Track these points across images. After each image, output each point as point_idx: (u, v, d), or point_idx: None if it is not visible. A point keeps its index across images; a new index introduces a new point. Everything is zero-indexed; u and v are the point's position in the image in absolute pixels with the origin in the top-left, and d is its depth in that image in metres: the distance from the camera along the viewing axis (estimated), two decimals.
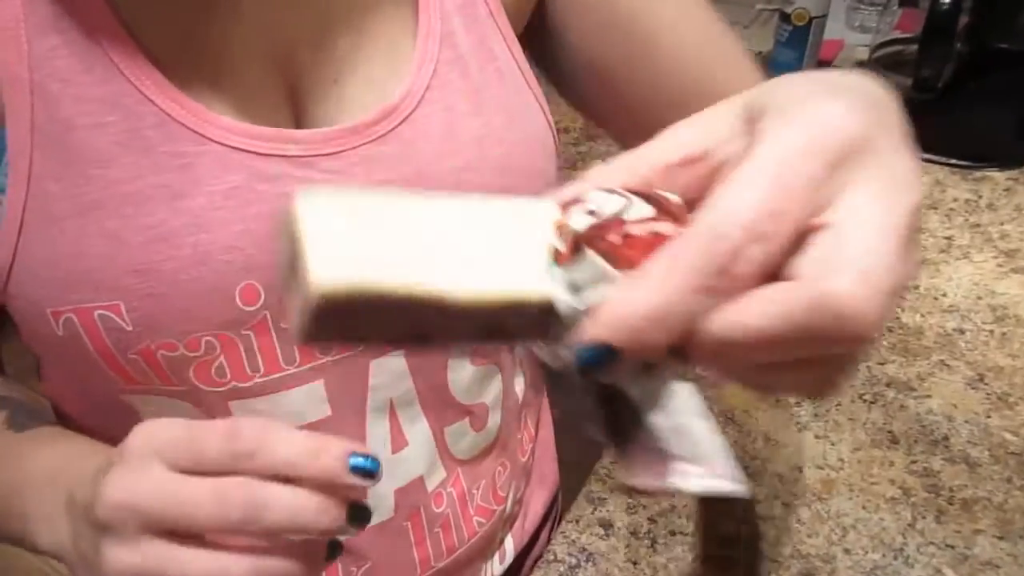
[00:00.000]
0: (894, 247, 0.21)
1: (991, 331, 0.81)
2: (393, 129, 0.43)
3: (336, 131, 0.42)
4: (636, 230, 0.22)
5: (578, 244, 0.22)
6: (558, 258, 0.23)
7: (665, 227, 0.22)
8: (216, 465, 0.33)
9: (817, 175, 0.21)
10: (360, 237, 0.21)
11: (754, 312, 0.21)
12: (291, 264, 0.22)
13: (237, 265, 0.41)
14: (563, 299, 0.23)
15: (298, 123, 0.43)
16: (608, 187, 0.24)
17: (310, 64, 0.42)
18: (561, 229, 0.23)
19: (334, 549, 0.35)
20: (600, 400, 0.25)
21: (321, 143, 0.42)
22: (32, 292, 0.41)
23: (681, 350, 0.22)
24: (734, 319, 0.21)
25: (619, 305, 0.21)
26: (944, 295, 0.86)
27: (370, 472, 0.33)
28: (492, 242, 0.23)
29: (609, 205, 0.23)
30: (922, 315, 0.84)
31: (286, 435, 0.33)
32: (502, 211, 0.24)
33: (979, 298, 0.86)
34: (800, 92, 0.23)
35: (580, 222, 0.23)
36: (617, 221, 0.23)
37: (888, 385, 0.76)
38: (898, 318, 0.84)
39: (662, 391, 0.25)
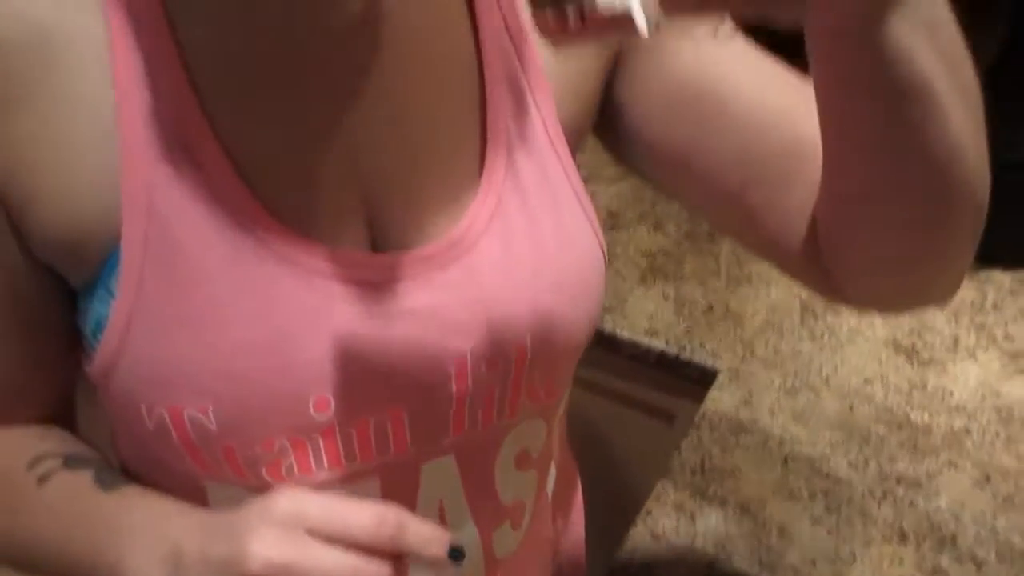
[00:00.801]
0: None
1: (997, 432, 0.85)
2: (459, 257, 0.47)
3: (408, 257, 0.47)
4: None
5: None
6: None
7: None
8: (361, 543, 0.41)
9: None
10: None
11: None
12: None
13: (313, 378, 0.46)
14: None
15: (374, 245, 0.47)
16: None
17: (387, 192, 0.47)
18: None
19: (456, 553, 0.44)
20: None
21: (393, 268, 0.46)
22: (130, 388, 0.45)
23: None
24: None
25: None
26: (951, 394, 0.90)
27: (460, 555, 0.44)
28: None
29: None
30: (930, 414, 0.88)
31: (415, 525, 0.43)
32: None
33: (984, 398, 0.89)
34: None
35: None
36: None
37: (898, 482, 0.80)
38: (907, 416, 0.88)
39: None
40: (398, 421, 0.49)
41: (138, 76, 0.42)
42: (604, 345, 1.03)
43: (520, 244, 0.49)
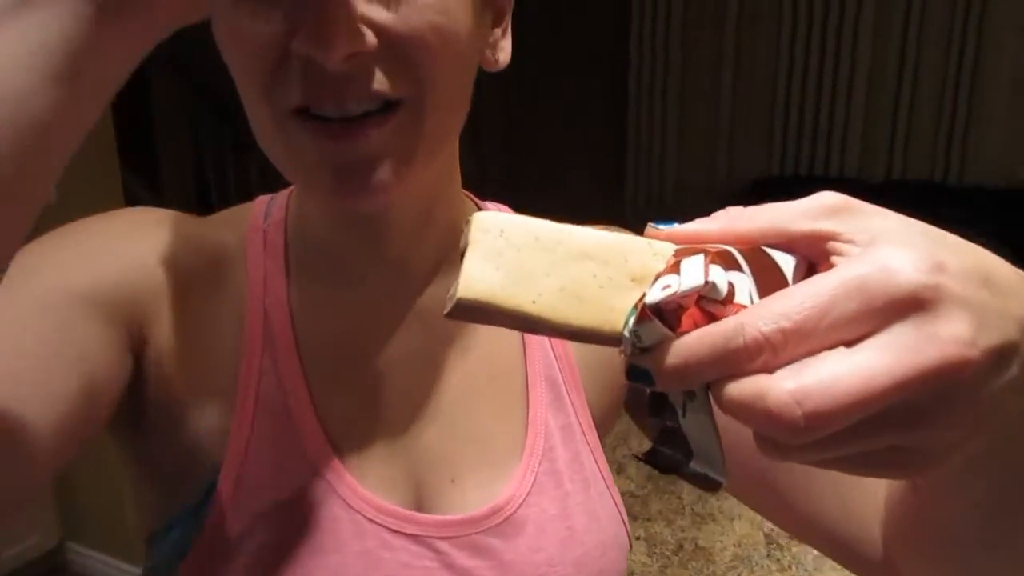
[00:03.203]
0: (860, 387, 0.25)
1: None
2: (496, 526, 0.53)
3: (449, 520, 0.53)
4: (702, 305, 0.29)
5: (647, 313, 0.30)
6: (636, 312, 0.30)
7: (723, 310, 0.29)
8: None
9: (859, 309, 0.26)
10: (502, 260, 0.31)
11: (729, 388, 0.27)
12: (461, 255, 0.32)
13: None
14: (627, 339, 0.30)
15: (419, 505, 0.54)
16: (711, 252, 0.30)
17: (435, 464, 0.54)
18: (642, 300, 0.31)
19: None
20: (655, 401, 0.33)
21: (436, 527, 0.52)
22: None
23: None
24: (721, 388, 0.27)
25: (658, 357, 0.29)
26: None
27: None
28: (598, 279, 0.31)
29: (688, 281, 0.29)
30: None
31: None
32: (622, 249, 0.32)
33: None
34: (890, 227, 0.29)
35: (655, 295, 0.30)
36: (690, 295, 0.29)
37: None
38: None
39: (690, 398, 0.31)
40: None
41: (261, 341, 0.52)
42: None
43: (552, 522, 0.55)
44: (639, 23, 4.30)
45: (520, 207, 0.61)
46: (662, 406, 0.32)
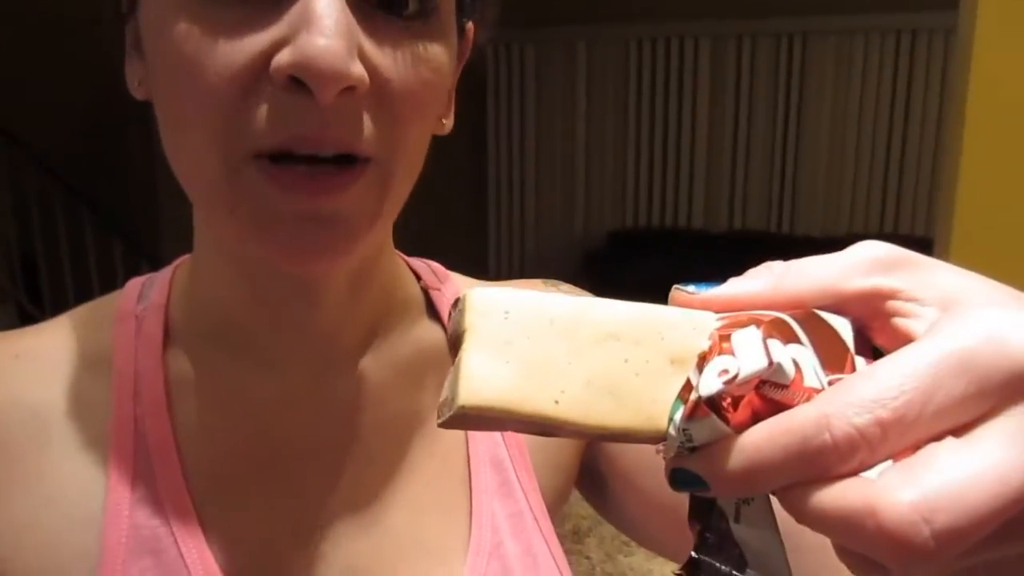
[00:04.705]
0: (995, 491, 0.20)
1: None
2: None
3: None
4: (763, 391, 0.24)
5: (703, 409, 0.24)
6: (685, 405, 0.25)
7: (790, 396, 0.24)
8: None
9: (966, 391, 0.21)
10: (511, 352, 0.25)
11: (816, 497, 0.22)
12: (454, 345, 0.26)
13: None
14: (674, 439, 0.25)
15: None
16: (763, 321, 0.25)
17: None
18: (688, 390, 0.25)
19: None
20: (698, 503, 0.27)
21: None
22: None
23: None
24: (802, 497, 0.22)
25: (716, 459, 0.23)
26: None
27: None
28: (631, 364, 0.26)
29: (748, 363, 0.24)
30: None
31: None
32: (656, 324, 0.26)
33: None
34: (966, 284, 0.24)
35: (710, 385, 0.24)
36: (750, 381, 0.24)
37: None
38: None
39: (746, 502, 0.26)
40: None
41: (132, 462, 0.42)
42: None
43: None
44: (495, 87, 4.42)
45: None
46: (707, 510, 0.27)
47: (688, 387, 0.25)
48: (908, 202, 4.00)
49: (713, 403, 0.24)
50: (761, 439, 0.23)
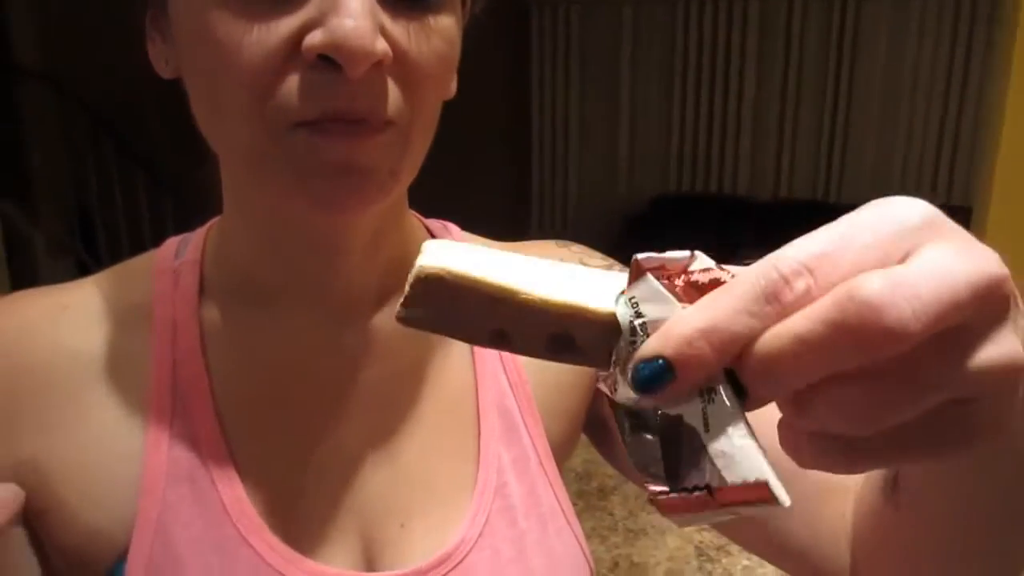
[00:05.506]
0: (950, 283, 0.22)
1: None
2: (446, 574, 0.49)
3: (398, 575, 0.48)
4: (698, 277, 0.25)
5: (641, 270, 0.26)
6: (625, 290, 0.26)
7: (725, 275, 0.25)
8: None
9: (885, 231, 0.24)
10: (464, 256, 0.27)
11: (792, 321, 0.23)
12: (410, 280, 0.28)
13: None
14: (623, 312, 0.26)
15: (369, 562, 0.49)
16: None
17: (382, 512, 0.50)
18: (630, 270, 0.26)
19: None
20: (663, 435, 0.26)
21: None
22: None
23: (735, 375, 0.24)
24: (775, 331, 0.23)
25: (673, 322, 0.24)
26: None
27: None
28: (572, 279, 0.28)
29: (676, 257, 0.26)
30: None
31: None
32: (589, 272, 0.29)
33: None
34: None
35: (648, 257, 0.26)
36: (681, 267, 0.25)
37: None
38: None
39: (718, 417, 0.25)
40: None
41: (170, 401, 0.47)
42: None
43: (508, 565, 0.51)
44: (539, 50, 4.39)
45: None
46: (676, 432, 0.26)
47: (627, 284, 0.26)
48: (963, 171, 3.87)
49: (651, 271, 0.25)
50: (715, 296, 0.24)
